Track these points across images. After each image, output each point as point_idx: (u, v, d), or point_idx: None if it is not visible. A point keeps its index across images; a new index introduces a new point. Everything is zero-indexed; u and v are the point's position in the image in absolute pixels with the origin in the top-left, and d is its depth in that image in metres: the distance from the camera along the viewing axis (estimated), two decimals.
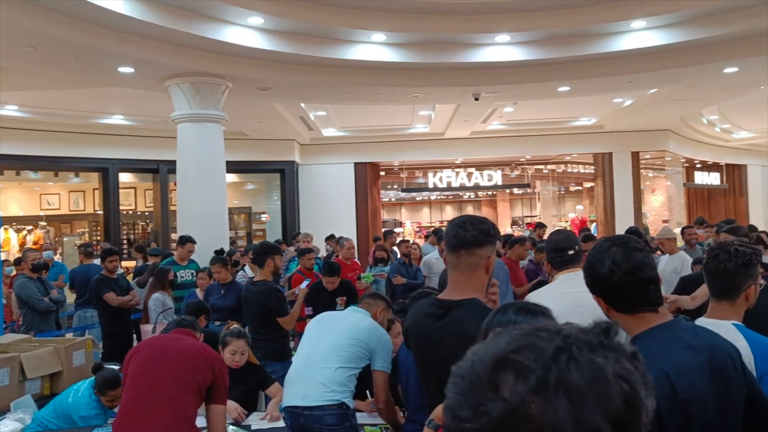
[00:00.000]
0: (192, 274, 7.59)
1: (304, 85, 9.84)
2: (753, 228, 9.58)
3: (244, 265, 8.55)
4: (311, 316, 5.29)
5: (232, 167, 13.02)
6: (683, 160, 18.75)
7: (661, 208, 19.47)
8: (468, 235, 2.23)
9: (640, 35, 8.70)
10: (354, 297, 6.25)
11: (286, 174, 15.35)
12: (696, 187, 20.25)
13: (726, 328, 2.28)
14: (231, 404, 3.98)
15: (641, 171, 17.45)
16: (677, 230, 9.84)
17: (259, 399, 4.58)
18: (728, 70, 9.71)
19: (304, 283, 6.04)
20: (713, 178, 20.42)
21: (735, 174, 20.84)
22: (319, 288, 6.28)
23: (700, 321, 2.40)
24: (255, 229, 16.48)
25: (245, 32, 8.09)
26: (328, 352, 3.64)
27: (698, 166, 19.99)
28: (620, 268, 1.75)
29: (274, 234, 15.27)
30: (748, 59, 9.07)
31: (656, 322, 1.75)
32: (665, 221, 17.73)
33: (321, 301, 6.03)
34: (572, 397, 0.65)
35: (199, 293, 6.86)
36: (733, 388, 1.71)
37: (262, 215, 16.57)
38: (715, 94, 12.43)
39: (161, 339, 3.63)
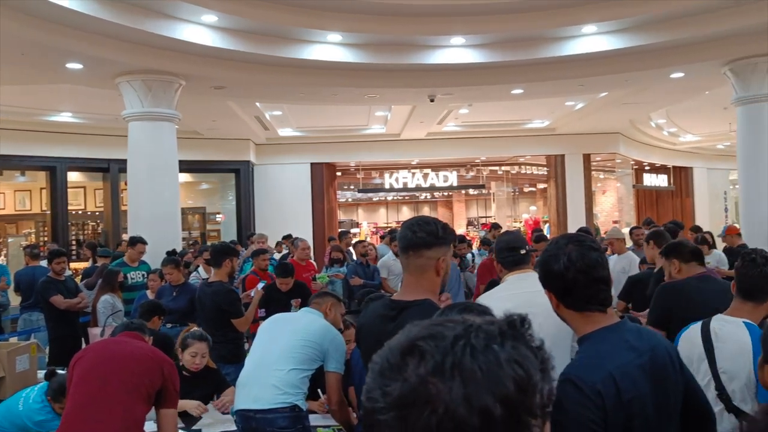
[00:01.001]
0: (143, 275, 7.43)
1: (259, 85, 9.75)
2: (698, 228, 9.91)
3: (198, 266, 8.42)
4: (264, 318, 5.24)
5: (186, 167, 12.82)
6: (633, 162, 19.23)
7: (612, 209, 19.94)
8: (415, 237, 2.24)
9: (591, 40, 8.90)
10: (308, 298, 6.21)
11: (241, 174, 15.19)
12: (645, 189, 20.78)
13: (736, 325, 2.47)
14: (191, 402, 3.92)
15: (592, 173, 17.84)
16: (626, 230, 10.08)
17: None
18: (675, 75, 10.01)
19: (260, 285, 5.97)
20: (661, 180, 21.00)
21: (682, 176, 21.48)
22: (273, 289, 6.22)
23: (718, 317, 2.60)
24: (209, 230, 16.26)
25: (199, 30, 7.97)
26: (280, 354, 3.61)
27: (647, 168, 20.53)
28: (575, 265, 1.77)
29: (228, 234, 15.10)
30: (694, 65, 9.37)
31: (604, 323, 1.78)
32: (615, 222, 18.16)
33: (275, 302, 5.96)
34: (465, 380, 0.70)
35: (150, 295, 6.72)
36: (671, 388, 1.77)
37: (217, 215, 16.35)
38: (662, 99, 12.81)
39: (108, 343, 3.54)
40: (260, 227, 14.02)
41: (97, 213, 15.30)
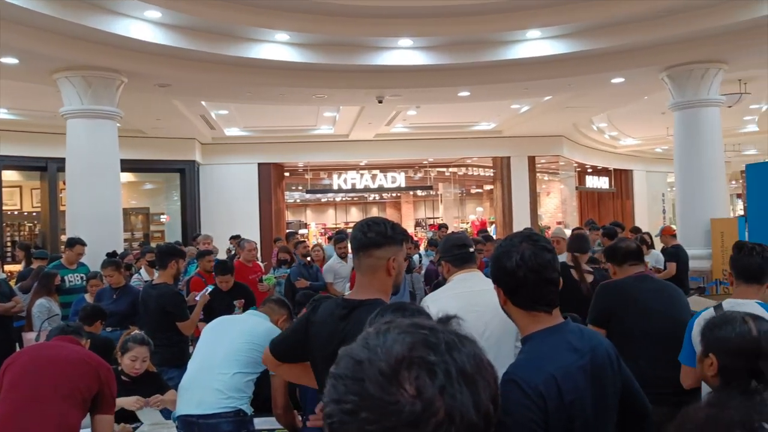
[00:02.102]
0: (81, 278, 7.20)
1: (205, 83, 9.59)
2: (637, 229, 10.23)
3: (140, 268, 8.21)
4: (203, 320, 5.15)
5: (129, 166, 12.52)
6: (575, 164, 19.69)
7: (556, 210, 20.38)
8: (365, 238, 2.24)
9: (535, 44, 9.08)
10: (251, 299, 6.11)
11: (186, 174, 14.90)
12: (587, 191, 21.30)
13: (752, 306, 2.67)
14: (129, 398, 3.79)
15: (537, 175, 18.19)
16: (569, 231, 10.32)
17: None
18: (616, 80, 10.31)
19: (208, 289, 5.83)
20: (603, 182, 21.56)
21: (622, 178, 22.10)
22: (215, 290, 6.10)
23: (728, 301, 2.87)
24: (153, 231, 15.88)
25: (142, 26, 7.79)
26: (225, 357, 3.54)
27: (589, 170, 21.05)
28: (527, 264, 1.78)
29: (173, 235, 14.78)
30: (633, 71, 9.67)
31: (548, 324, 1.80)
32: (559, 223, 18.57)
33: (217, 303, 5.85)
34: (470, 385, 0.70)
35: (89, 299, 6.51)
36: (610, 388, 1.81)
37: (161, 216, 15.99)
38: (603, 103, 13.17)
39: (41, 347, 3.42)
40: (206, 228, 13.79)
41: (34, 213, 14.76)
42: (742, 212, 15.62)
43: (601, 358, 1.80)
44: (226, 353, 3.56)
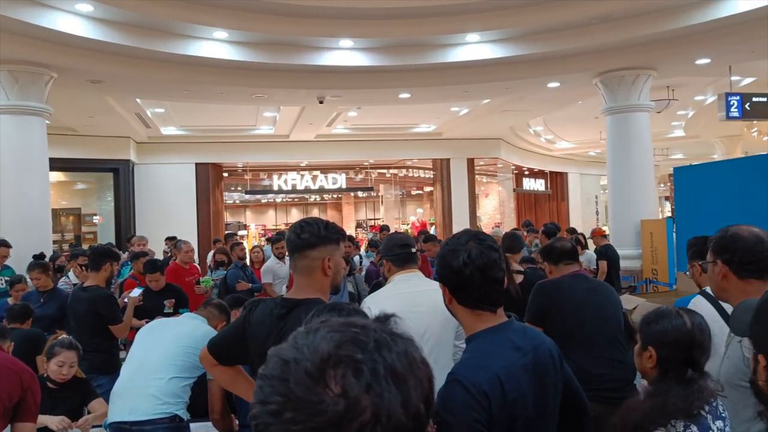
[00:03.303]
0: (5, 281, 6.88)
1: (139, 80, 9.31)
2: (573, 230, 10.52)
3: (69, 270, 7.89)
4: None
5: (59, 165, 12.09)
6: (513, 167, 20.10)
7: (494, 211, 20.75)
8: (299, 239, 2.22)
9: (474, 48, 9.21)
10: (183, 299, 5.97)
11: (120, 173, 14.44)
12: (524, 193, 21.76)
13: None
14: (53, 417, 3.63)
15: (476, 177, 18.48)
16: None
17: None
18: (551, 84, 10.57)
19: (137, 291, 5.66)
20: (539, 185, 22.07)
21: (557, 181, 22.68)
22: (144, 291, 5.92)
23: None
24: (85, 232, 15.33)
25: (72, 19, 7.50)
26: (161, 362, 3.44)
27: (526, 173, 21.52)
28: (474, 263, 1.78)
29: (106, 237, 14.30)
30: (568, 76, 9.94)
31: (492, 323, 1.81)
32: (497, 224, 18.92)
33: (148, 303, 5.68)
34: (399, 384, 0.68)
35: (12, 303, 6.21)
36: (551, 386, 1.83)
37: (94, 217, 15.45)
38: (540, 107, 13.49)
39: None
40: (142, 230, 13.39)
41: None
42: (670, 214, 16.28)
43: (543, 356, 1.82)
44: (162, 358, 3.46)
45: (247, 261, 8.58)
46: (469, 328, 1.84)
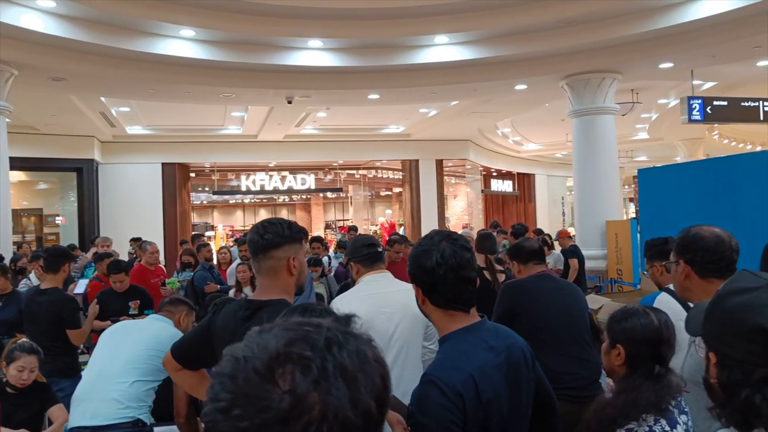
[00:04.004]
0: None
1: (104, 79, 9.13)
2: (540, 231, 10.64)
3: (31, 272, 7.71)
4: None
5: (19, 164, 11.83)
6: (481, 168, 20.25)
7: (462, 212, 20.87)
8: (262, 240, 2.19)
9: (443, 50, 9.26)
10: (148, 301, 5.88)
11: (84, 173, 14.17)
12: (492, 194, 21.95)
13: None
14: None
15: (444, 178, 18.58)
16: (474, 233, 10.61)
17: (43, 423, 4.11)
18: (519, 87, 10.68)
19: (82, 285, 5.50)
20: (507, 186, 22.28)
21: (525, 182, 22.93)
22: (108, 292, 5.80)
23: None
24: (47, 233, 15.02)
25: (34, 15, 7.32)
26: (124, 366, 3.37)
27: (494, 174, 21.71)
28: (447, 263, 1.78)
29: (69, 238, 14.01)
30: (535, 78, 10.06)
31: (465, 323, 1.81)
32: (466, 225, 19.03)
33: (112, 305, 5.57)
34: (348, 382, 0.69)
35: None
36: (524, 385, 1.85)
37: (56, 217, 15.13)
38: (508, 109, 13.62)
39: None
40: (107, 231, 13.18)
41: None
42: (634, 215, 16.55)
43: (516, 356, 1.84)
44: (126, 361, 3.39)
45: (215, 262, 8.47)
46: (442, 328, 1.84)
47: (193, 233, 13.75)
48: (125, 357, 3.42)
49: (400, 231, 17.16)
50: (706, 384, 1.30)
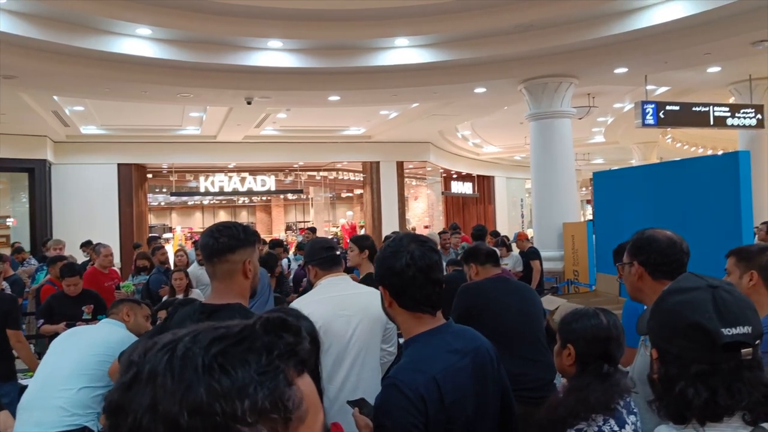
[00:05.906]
0: None
1: (56, 76, 8.90)
2: (496, 233, 10.75)
3: None
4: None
5: None
6: (442, 170, 20.39)
7: (423, 214, 20.98)
8: (217, 243, 2.18)
9: (403, 52, 9.29)
10: (101, 305, 5.75)
11: (36, 173, 13.77)
12: (452, 196, 22.13)
13: None
14: None
15: (405, 179, 18.65)
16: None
17: None
18: (478, 90, 10.79)
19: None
20: (467, 188, 22.48)
21: (485, 184, 23.18)
22: (60, 296, 5.65)
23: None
24: None
25: None
26: (71, 372, 3.28)
27: (454, 176, 21.88)
28: (416, 264, 1.78)
29: (21, 240, 13.57)
30: (494, 82, 10.17)
31: (431, 325, 1.82)
32: (427, 227, 19.14)
33: (64, 310, 5.42)
34: (155, 387, 0.68)
35: None
36: (490, 387, 1.86)
37: (7, 219, 14.67)
38: (467, 112, 13.73)
39: None
40: (59, 233, 12.84)
41: None
42: (590, 217, 16.87)
43: (482, 358, 1.85)
44: (73, 367, 3.30)
45: (171, 265, 8.33)
46: (407, 331, 1.84)
47: (149, 235, 13.48)
48: (72, 362, 3.34)
49: (361, 232, 17.14)
50: (649, 380, 1.34)
